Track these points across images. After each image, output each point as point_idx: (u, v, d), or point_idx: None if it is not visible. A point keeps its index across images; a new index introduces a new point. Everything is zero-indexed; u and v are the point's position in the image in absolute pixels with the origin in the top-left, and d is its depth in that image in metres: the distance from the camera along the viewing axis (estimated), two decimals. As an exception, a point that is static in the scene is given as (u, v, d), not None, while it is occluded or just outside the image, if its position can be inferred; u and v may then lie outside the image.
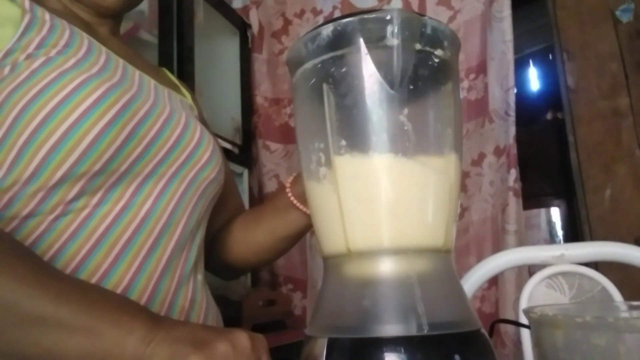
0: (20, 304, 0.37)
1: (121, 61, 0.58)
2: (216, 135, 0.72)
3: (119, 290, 0.50)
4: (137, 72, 0.59)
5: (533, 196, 2.48)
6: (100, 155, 0.48)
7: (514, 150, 1.48)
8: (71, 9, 0.62)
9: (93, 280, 0.49)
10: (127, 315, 0.40)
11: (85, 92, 0.48)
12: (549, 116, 3.00)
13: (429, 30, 0.41)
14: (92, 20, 0.63)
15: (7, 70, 0.47)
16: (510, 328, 1.43)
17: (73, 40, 0.53)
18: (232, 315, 1.31)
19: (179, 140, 0.57)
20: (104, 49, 0.57)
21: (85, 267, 0.49)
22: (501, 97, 1.52)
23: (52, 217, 0.48)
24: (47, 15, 0.53)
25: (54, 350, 0.38)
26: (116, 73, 0.54)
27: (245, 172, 1.68)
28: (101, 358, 0.38)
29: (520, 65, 2.86)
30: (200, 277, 0.61)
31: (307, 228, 0.68)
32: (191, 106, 0.70)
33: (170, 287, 0.54)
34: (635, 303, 0.43)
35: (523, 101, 1.88)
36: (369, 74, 0.40)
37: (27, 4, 0.51)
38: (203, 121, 0.75)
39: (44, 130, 0.46)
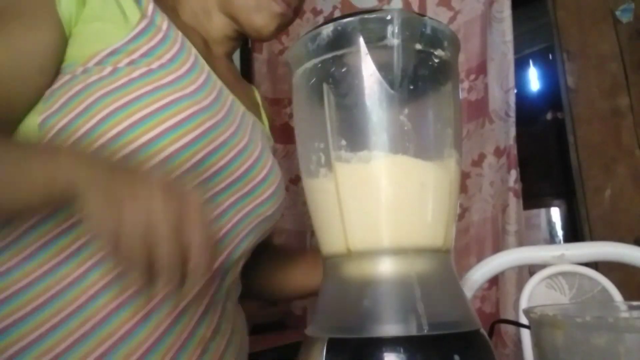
0: None
1: (219, 83, 0.58)
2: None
3: (139, 316, 0.48)
4: (231, 97, 0.59)
5: (533, 196, 2.48)
6: (168, 172, 0.49)
7: (514, 151, 1.48)
8: (204, 25, 0.62)
9: (115, 303, 0.48)
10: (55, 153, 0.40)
11: (172, 112, 0.49)
12: (549, 116, 3.00)
13: (428, 31, 0.41)
14: (218, 39, 0.64)
15: (107, 71, 0.48)
16: (510, 328, 1.43)
17: (180, 54, 0.53)
18: (232, 315, 1.31)
19: (246, 173, 0.57)
20: (207, 68, 0.56)
21: (109, 289, 0.48)
22: (501, 97, 1.52)
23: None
24: (165, 24, 0.53)
25: None
26: (210, 95, 0.54)
27: (246, 172, 1.68)
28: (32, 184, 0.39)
29: (520, 66, 2.85)
30: (230, 305, 0.59)
31: None
32: (268, 137, 0.70)
33: (194, 316, 0.53)
34: (635, 303, 0.43)
35: (523, 101, 1.88)
36: (369, 74, 0.40)
37: (150, 9, 0.52)
38: (274, 130, 0.76)
39: (123, 139, 0.47)
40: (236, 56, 1.82)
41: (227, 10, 0.61)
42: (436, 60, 0.42)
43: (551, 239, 3.20)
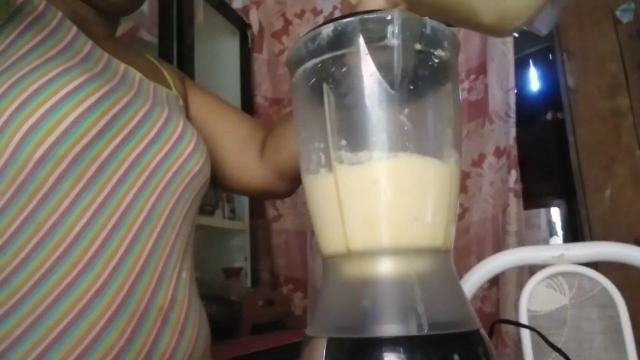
0: None
1: (106, 55, 0.59)
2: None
3: (94, 289, 0.48)
4: (123, 66, 0.60)
5: (533, 196, 2.48)
6: (79, 138, 0.49)
7: (514, 152, 1.48)
8: (73, 8, 0.62)
9: (68, 279, 0.48)
10: None
11: (67, 79, 0.50)
12: (549, 116, 2.99)
13: (428, 31, 0.41)
14: (92, 19, 0.64)
15: None
16: (510, 328, 1.43)
17: (60, 28, 0.55)
18: (232, 315, 1.31)
19: (160, 134, 0.58)
20: (90, 41, 0.58)
21: (62, 264, 0.48)
22: (501, 98, 1.52)
23: (31, 206, 0.47)
24: (42, 5, 0.54)
25: None
26: (98, 64, 0.56)
27: (246, 172, 1.68)
28: None
29: (520, 66, 2.85)
30: (185, 274, 0.59)
31: None
32: (176, 97, 0.69)
33: (148, 286, 0.53)
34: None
35: (523, 101, 1.88)
36: (369, 74, 0.40)
37: None
38: (200, 93, 0.75)
39: (24, 111, 0.47)
40: (236, 56, 1.82)
41: None
42: (436, 61, 0.42)
43: (551, 239, 3.19)
